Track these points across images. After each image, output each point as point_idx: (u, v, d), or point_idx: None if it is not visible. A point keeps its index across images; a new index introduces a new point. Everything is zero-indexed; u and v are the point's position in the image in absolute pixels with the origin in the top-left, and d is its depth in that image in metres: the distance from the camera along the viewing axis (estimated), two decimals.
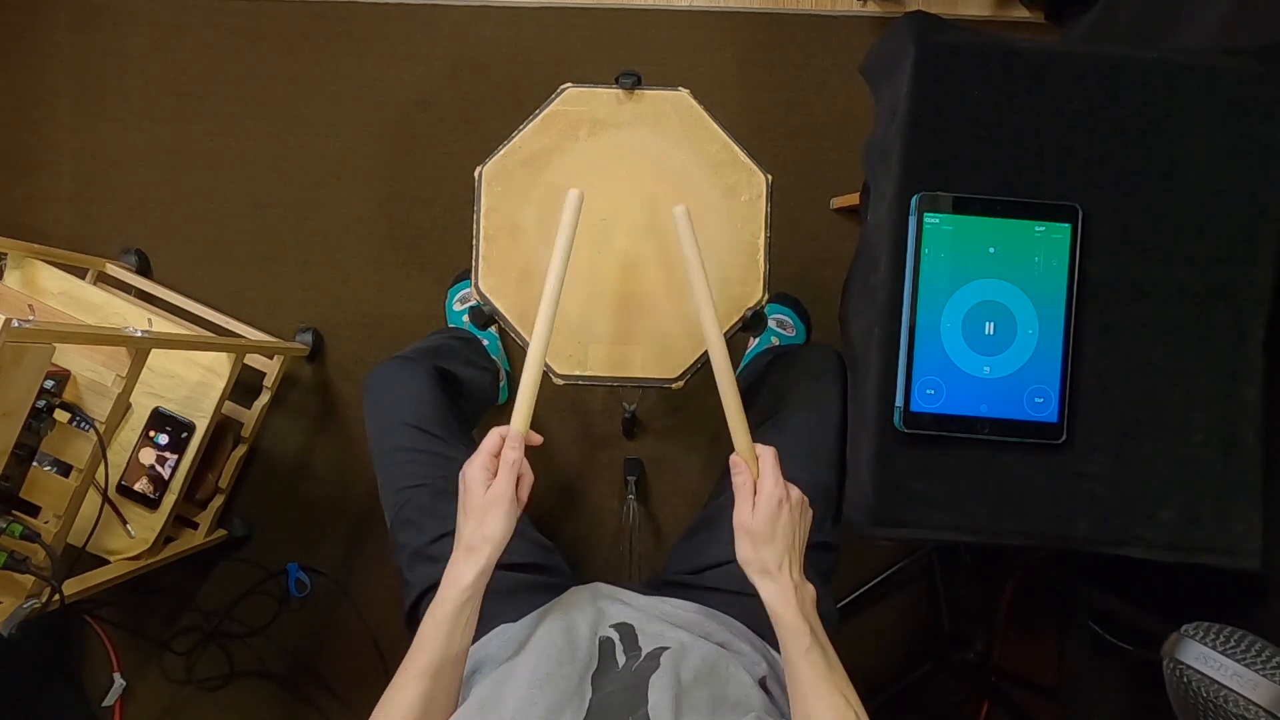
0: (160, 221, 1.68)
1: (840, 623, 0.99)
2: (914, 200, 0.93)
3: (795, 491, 0.82)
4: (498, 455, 0.82)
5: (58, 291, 1.41)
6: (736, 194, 1.05)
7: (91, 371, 1.22)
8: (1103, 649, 1.07)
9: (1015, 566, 1.60)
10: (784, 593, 0.78)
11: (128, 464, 1.39)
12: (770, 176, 1.05)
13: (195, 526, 1.54)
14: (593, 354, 1.04)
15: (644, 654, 0.82)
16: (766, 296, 1.05)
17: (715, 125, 1.05)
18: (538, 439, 0.86)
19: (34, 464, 1.15)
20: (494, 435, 0.83)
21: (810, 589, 0.80)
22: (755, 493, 0.81)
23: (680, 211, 0.91)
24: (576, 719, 0.72)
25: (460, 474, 0.83)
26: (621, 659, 0.82)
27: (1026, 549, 1.54)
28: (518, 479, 0.82)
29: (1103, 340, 0.94)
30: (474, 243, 1.05)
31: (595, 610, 0.88)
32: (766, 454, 0.83)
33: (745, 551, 0.80)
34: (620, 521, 1.65)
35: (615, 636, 0.85)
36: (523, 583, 0.97)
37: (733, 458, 0.84)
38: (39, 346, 1.00)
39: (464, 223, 1.10)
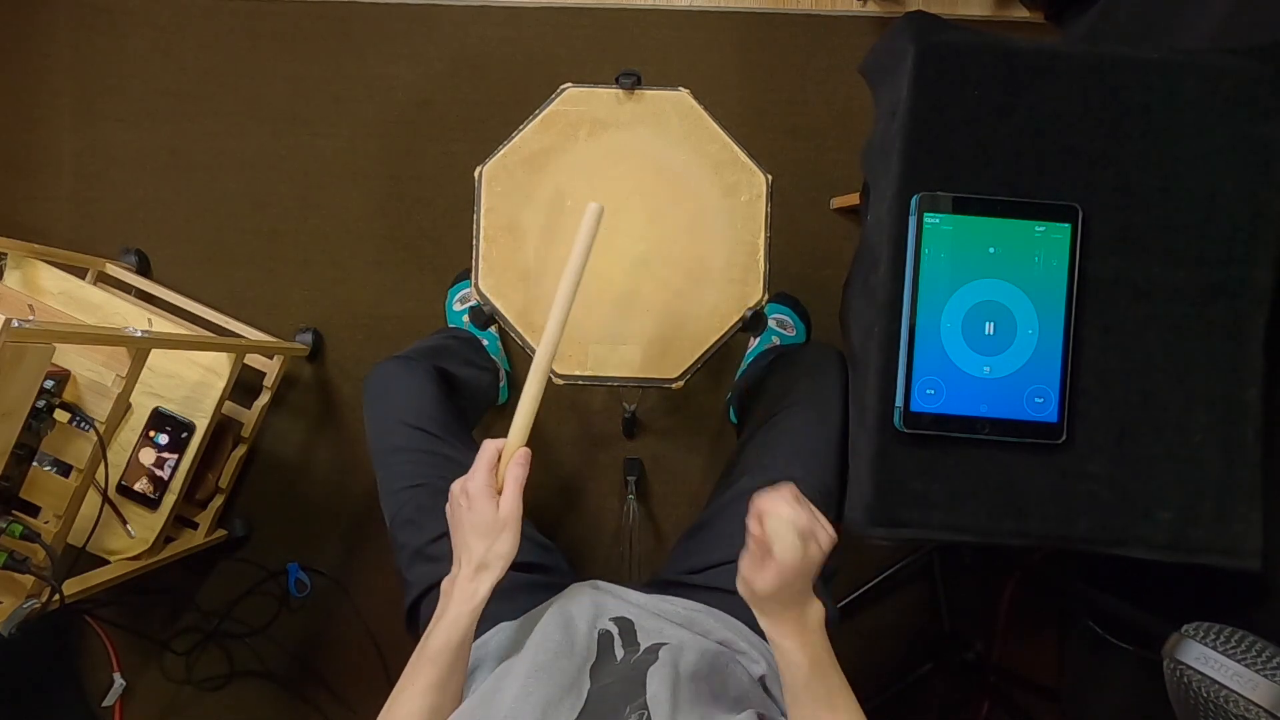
0: (160, 221, 1.68)
1: (840, 623, 0.99)
2: (914, 200, 0.93)
3: (806, 545, 0.71)
4: (495, 469, 0.81)
5: (58, 291, 1.41)
6: (736, 194, 1.05)
7: (91, 371, 1.22)
8: (1103, 649, 1.07)
9: (1015, 566, 1.60)
10: (781, 628, 0.73)
11: (128, 464, 1.39)
12: (770, 176, 1.05)
13: (195, 526, 1.54)
14: (593, 354, 1.04)
15: (642, 649, 0.82)
16: (766, 296, 1.05)
17: (715, 125, 1.05)
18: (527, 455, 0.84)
19: (34, 464, 1.15)
20: (490, 449, 0.82)
21: (816, 609, 0.75)
22: (766, 554, 0.71)
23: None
24: (574, 710, 0.72)
25: (458, 488, 0.81)
26: (620, 653, 0.82)
27: (1026, 549, 1.54)
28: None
29: (1103, 340, 0.94)
30: (474, 243, 1.05)
31: (594, 605, 0.89)
32: (779, 505, 0.71)
33: (744, 593, 0.75)
34: (620, 521, 1.64)
35: (614, 630, 0.85)
36: (523, 582, 0.97)
37: (756, 501, 0.73)
38: (39, 346, 1.00)
39: (464, 223, 1.10)
